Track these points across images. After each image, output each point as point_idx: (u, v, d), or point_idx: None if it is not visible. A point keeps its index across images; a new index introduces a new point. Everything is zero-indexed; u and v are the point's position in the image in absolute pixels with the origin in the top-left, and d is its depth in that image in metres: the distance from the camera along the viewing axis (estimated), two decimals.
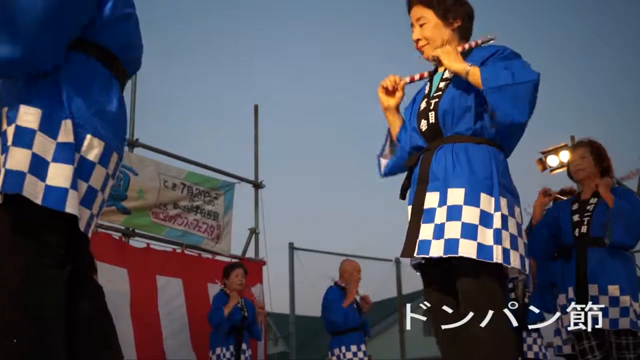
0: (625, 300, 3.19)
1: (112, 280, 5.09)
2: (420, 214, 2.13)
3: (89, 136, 1.62)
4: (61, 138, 1.56)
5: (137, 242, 5.87)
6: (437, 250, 2.04)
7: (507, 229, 2.05)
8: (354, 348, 5.28)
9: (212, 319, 5.19)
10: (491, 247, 2.00)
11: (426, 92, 2.33)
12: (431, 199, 2.12)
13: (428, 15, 2.31)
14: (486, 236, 2.01)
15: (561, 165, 7.26)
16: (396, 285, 9.58)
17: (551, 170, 7.44)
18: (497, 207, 2.04)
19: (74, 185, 1.54)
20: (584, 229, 3.38)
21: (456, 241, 2.00)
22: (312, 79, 33.31)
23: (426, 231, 2.09)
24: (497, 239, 2.01)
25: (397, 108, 2.44)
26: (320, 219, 22.97)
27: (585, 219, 3.40)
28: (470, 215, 2.02)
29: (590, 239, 3.34)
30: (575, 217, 3.45)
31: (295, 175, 26.96)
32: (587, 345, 3.34)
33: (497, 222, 2.02)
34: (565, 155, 6.90)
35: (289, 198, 21.80)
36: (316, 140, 28.82)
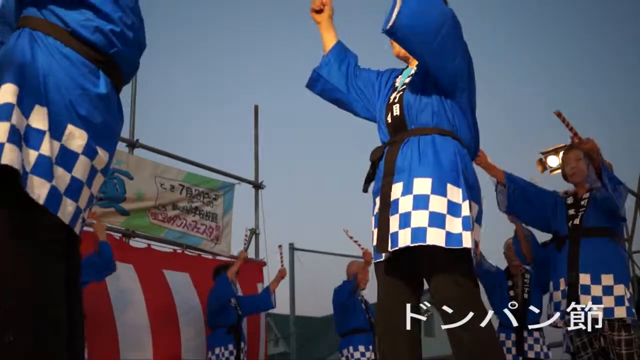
0: (620, 289, 3.20)
1: (120, 275, 5.11)
2: (388, 207, 2.12)
3: (70, 126, 1.61)
4: (32, 122, 1.55)
5: (136, 243, 5.88)
6: (404, 240, 2.02)
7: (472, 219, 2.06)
8: (361, 348, 5.30)
9: (221, 297, 5.16)
10: (460, 234, 1.99)
11: (396, 85, 2.36)
12: (396, 190, 2.11)
13: None
14: (454, 225, 2.00)
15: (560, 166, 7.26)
16: None
17: (551, 171, 7.43)
18: (465, 197, 2.05)
19: (11, 140, 1.48)
20: (577, 220, 3.42)
21: (424, 230, 1.99)
22: None
23: (394, 223, 2.08)
24: (466, 226, 2.00)
25: (329, 22, 2.54)
26: (320, 219, 22.98)
27: (580, 213, 3.43)
28: (438, 204, 2.02)
29: (583, 230, 3.37)
30: (571, 211, 3.49)
31: (296, 176, 26.98)
32: (580, 342, 3.35)
33: (465, 210, 2.02)
34: None
35: (289, 198, 21.83)
36: (316, 141, 28.83)
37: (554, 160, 7.46)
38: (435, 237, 1.97)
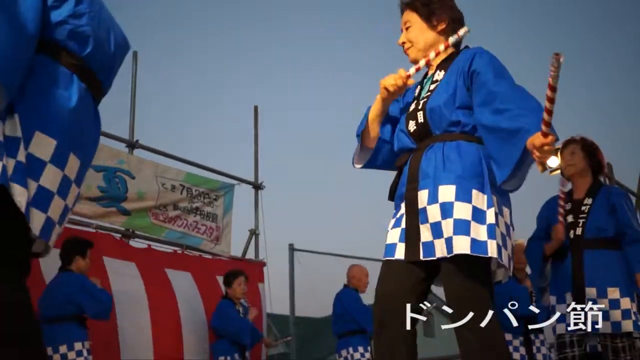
0: (626, 302, 3.14)
1: (122, 272, 5.14)
2: (416, 215, 2.12)
3: (37, 132, 1.55)
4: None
5: (136, 243, 5.88)
6: (441, 250, 2.02)
7: (498, 227, 2.03)
8: (361, 349, 5.30)
9: (233, 326, 5.14)
10: (485, 242, 1.97)
11: (416, 94, 2.34)
12: (422, 197, 2.10)
13: (413, 19, 2.34)
14: (479, 231, 1.99)
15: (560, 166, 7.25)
16: None
17: (551, 171, 7.42)
18: (490, 204, 2.03)
19: None
20: (578, 230, 3.32)
21: (451, 239, 1.99)
22: (312, 79, 33.31)
23: (426, 232, 2.08)
24: (492, 234, 1.98)
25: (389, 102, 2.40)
26: (320, 219, 22.98)
27: (580, 220, 3.33)
28: (462, 211, 2.00)
29: (585, 241, 3.28)
30: (570, 218, 3.39)
31: (295, 176, 26.98)
32: (569, 339, 3.26)
33: (490, 218, 2.01)
34: None
35: (289, 199, 21.83)
36: (316, 141, 28.82)
37: (554, 161, 7.45)
38: (462, 245, 1.97)
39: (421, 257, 2.07)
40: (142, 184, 5.87)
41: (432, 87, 2.26)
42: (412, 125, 2.24)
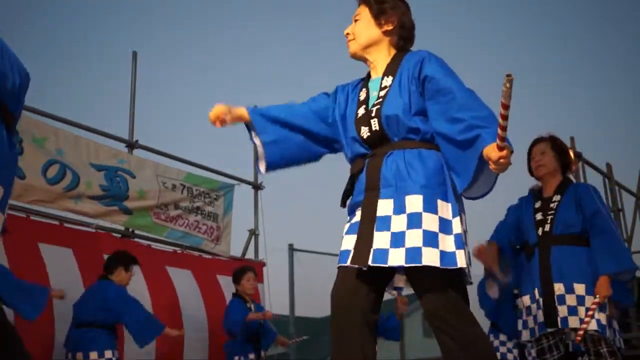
0: (590, 300, 3.09)
1: None
2: (373, 222, 2.07)
3: None
4: None
5: (137, 241, 5.88)
6: (397, 259, 1.99)
7: (464, 234, 2.05)
8: None
9: (233, 326, 5.10)
10: (454, 252, 1.98)
11: (361, 98, 2.30)
12: (385, 206, 2.07)
13: (363, 13, 2.34)
14: (447, 243, 1.99)
15: None
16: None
17: None
18: (455, 212, 2.04)
19: None
20: (547, 227, 3.30)
21: (419, 250, 1.97)
22: (311, 80, 33.30)
23: (381, 239, 2.03)
24: (460, 244, 1.99)
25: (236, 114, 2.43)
26: (320, 220, 22.96)
27: (549, 217, 3.31)
28: (430, 222, 2.00)
29: (554, 237, 3.26)
30: (538, 216, 3.37)
31: (295, 177, 26.94)
32: (547, 344, 3.23)
33: (456, 228, 2.02)
34: None
35: (288, 199, 21.80)
36: None
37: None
38: (430, 257, 1.96)
39: (370, 263, 2.02)
40: (143, 183, 5.88)
41: (382, 93, 2.23)
42: (365, 132, 2.21)
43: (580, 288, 3.13)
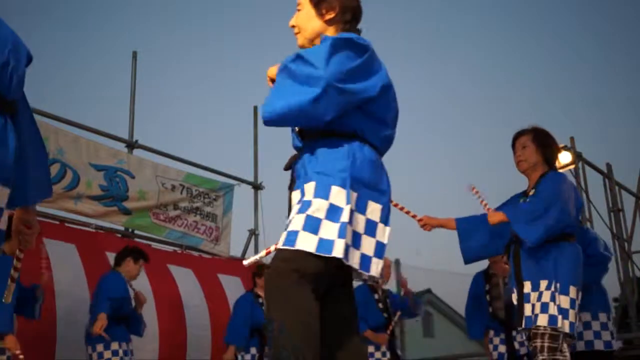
0: (547, 295, 2.97)
1: None
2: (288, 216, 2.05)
3: None
4: None
5: (137, 241, 5.89)
6: (280, 243, 1.92)
7: (351, 225, 1.93)
8: (371, 349, 5.21)
9: (245, 321, 5.05)
10: (332, 241, 1.87)
11: None
12: (295, 198, 2.04)
13: (304, 2, 2.22)
14: (329, 230, 1.89)
15: (560, 166, 7.24)
16: (396, 286, 9.55)
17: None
18: (349, 201, 1.93)
19: None
20: None
21: (296, 233, 1.88)
22: None
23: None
24: (342, 233, 1.88)
25: None
26: None
27: None
28: (317, 207, 1.91)
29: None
30: None
31: None
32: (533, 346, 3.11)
33: (344, 217, 1.90)
34: (564, 157, 6.87)
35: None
36: None
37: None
38: (306, 243, 1.86)
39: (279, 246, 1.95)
40: (143, 183, 5.88)
41: None
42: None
43: (543, 284, 3.02)
